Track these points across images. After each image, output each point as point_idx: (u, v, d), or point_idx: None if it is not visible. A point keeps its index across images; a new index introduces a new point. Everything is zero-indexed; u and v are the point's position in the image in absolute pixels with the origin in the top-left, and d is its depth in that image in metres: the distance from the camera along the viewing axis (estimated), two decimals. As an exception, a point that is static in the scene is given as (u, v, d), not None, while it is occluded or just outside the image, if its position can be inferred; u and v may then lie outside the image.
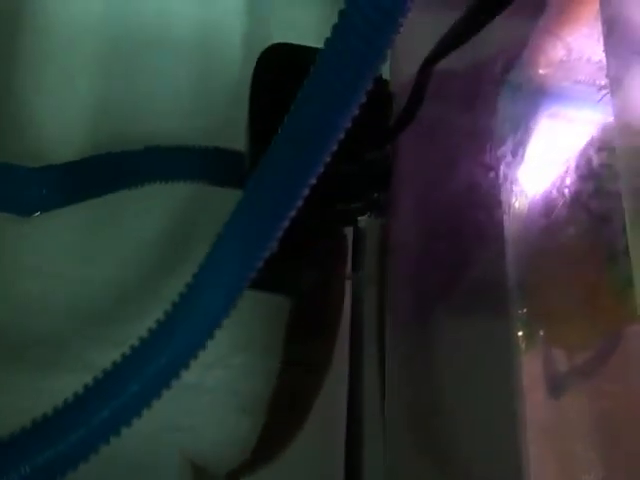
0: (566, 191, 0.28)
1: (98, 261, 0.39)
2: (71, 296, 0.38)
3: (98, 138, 0.41)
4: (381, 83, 0.33)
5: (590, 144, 0.28)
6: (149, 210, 0.40)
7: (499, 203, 0.29)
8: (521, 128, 0.30)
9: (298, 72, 0.22)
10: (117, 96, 0.42)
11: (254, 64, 0.34)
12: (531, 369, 0.26)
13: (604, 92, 0.27)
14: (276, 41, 0.34)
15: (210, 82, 0.44)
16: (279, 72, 0.32)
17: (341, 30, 0.21)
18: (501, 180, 0.29)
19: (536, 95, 0.30)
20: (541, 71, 0.29)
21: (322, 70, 0.21)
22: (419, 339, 0.32)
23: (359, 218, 0.35)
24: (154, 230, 0.40)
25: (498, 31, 0.28)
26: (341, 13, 0.20)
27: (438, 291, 0.31)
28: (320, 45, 0.22)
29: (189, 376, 0.24)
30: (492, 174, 0.29)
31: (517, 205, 0.29)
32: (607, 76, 0.25)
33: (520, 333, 0.26)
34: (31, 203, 0.38)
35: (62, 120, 0.41)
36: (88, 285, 0.38)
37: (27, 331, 0.37)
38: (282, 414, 0.36)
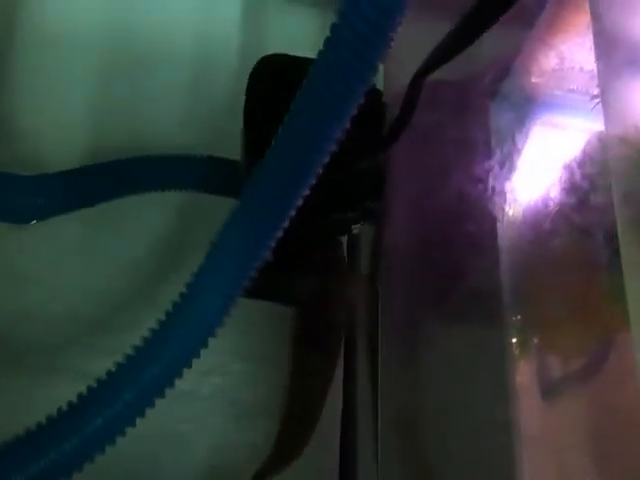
0: (559, 199, 0.28)
1: (95, 269, 0.39)
2: (68, 304, 0.38)
3: (95, 146, 0.41)
4: (374, 93, 0.33)
5: (583, 153, 0.29)
6: (145, 218, 0.40)
7: (492, 211, 0.29)
8: (514, 137, 0.30)
9: (292, 83, 0.22)
10: (113, 105, 0.42)
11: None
12: (525, 376, 0.26)
13: (596, 101, 0.27)
14: (273, 51, 0.34)
15: (208, 91, 0.44)
16: (273, 82, 0.32)
17: (332, 43, 0.21)
18: (494, 189, 0.29)
19: (529, 104, 0.30)
20: (533, 80, 0.29)
21: (314, 82, 0.22)
22: (413, 347, 0.32)
23: (353, 226, 0.36)
24: (150, 238, 0.40)
25: (490, 40, 0.29)
26: (333, 26, 0.21)
27: (432, 299, 0.32)
28: (315, 56, 0.22)
29: (186, 383, 0.24)
30: (485, 183, 0.30)
31: (511, 213, 0.29)
32: (598, 85, 0.26)
33: (514, 340, 0.27)
34: (27, 211, 0.38)
35: (59, 128, 0.41)
36: (85, 293, 0.38)
37: (24, 339, 0.37)
38: (293, 422, 0.36)
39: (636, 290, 0.23)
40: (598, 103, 0.27)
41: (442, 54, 0.27)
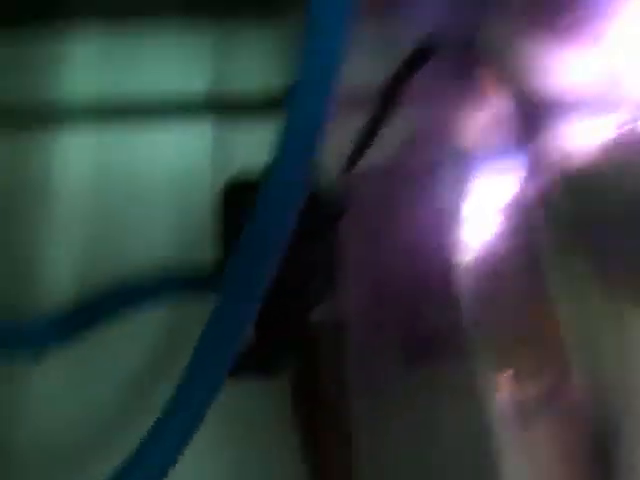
0: (506, 239, 0.31)
1: (93, 384, 0.41)
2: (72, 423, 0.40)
3: (86, 281, 0.43)
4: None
5: (526, 192, 0.31)
6: (136, 334, 0.42)
7: (449, 258, 0.31)
8: (463, 188, 0.33)
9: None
10: (100, 243, 0.44)
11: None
12: (499, 406, 0.28)
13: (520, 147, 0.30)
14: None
15: (189, 220, 0.46)
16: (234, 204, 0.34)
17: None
18: (449, 236, 0.32)
19: (471, 157, 0.33)
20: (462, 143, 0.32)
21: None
22: (385, 398, 0.33)
23: (315, 307, 0.36)
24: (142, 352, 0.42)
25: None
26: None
27: (398, 351, 0.32)
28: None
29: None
30: (439, 232, 0.32)
31: (466, 258, 0.31)
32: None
33: (483, 374, 0.28)
34: (40, 352, 0.38)
35: (53, 267, 0.43)
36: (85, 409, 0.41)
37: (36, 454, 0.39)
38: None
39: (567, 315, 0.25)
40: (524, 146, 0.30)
41: (364, 140, 0.29)
